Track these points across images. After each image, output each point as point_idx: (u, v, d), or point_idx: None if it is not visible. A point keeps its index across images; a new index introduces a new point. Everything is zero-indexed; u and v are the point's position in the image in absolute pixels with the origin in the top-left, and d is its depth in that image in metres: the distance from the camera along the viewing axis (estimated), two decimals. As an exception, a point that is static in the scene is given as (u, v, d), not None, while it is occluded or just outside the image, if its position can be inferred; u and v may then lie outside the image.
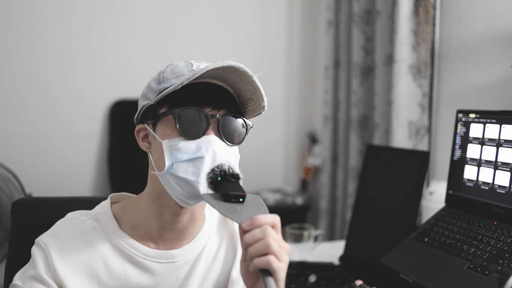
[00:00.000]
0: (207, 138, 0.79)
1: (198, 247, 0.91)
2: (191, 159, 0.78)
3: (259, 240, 0.66)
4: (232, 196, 0.72)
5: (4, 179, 1.54)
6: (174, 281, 0.88)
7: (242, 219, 0.68)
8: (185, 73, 0.81)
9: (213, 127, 0.81)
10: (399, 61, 1.90)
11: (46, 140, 2.46)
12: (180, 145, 0.79)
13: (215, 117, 0.81)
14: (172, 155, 0.79)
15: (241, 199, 0.73)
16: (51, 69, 2.44)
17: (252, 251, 0.66)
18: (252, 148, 2.95)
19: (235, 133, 0.83)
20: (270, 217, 0.69)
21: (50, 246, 0.82)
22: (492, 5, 1.63)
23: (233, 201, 0.72)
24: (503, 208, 1.14)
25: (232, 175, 0.76)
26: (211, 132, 0.80)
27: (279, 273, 0.66)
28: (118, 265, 0.85)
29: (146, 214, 0.87)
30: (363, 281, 1.21)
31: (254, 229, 0.67)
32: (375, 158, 1.49)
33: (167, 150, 0.80)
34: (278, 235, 0.69)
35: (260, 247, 0.66)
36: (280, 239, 0.68)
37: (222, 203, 0.72)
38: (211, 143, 0.79)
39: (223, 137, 0.81)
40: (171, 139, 0.80)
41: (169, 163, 0.79)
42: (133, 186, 1.03)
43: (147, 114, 0.85)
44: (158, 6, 2.65)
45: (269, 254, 0.65)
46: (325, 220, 2.52)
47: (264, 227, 0.67)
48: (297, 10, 2.98)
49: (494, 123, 1.19)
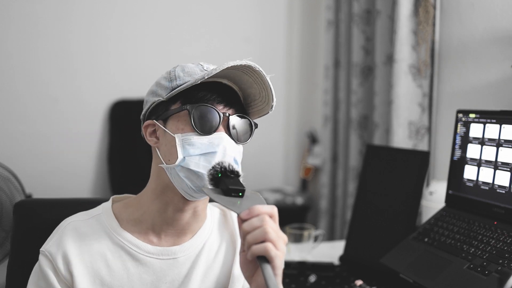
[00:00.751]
0: (218, 135, 0.83)
1: (199, 243, 0.92)
2: (203, 153, 0.81)
3: (256, 228, 0.68)
4: (232, 190, 0.74)
5: (4, 179, 1.54)
6: (176, 277, 0.88)
7: (240, 210, 0.70)
8: (197, 72, 0.85)
9: (223, 124, 0.84)
10: (399, 61, 1.90)
11: (46, 140, 2.46)
12: (194, 140, 0.82)
13: (226, 115, 0.84)
14: (185, 149, 0.82)
15: (241, 194, 0.75)
16: (51, 69, 2.44)
17: (250, 239, 0.68)
18: (252, 148, 2.94)
19: (242, 132, 0.87)
20: (268, 207, 0.71)
21: (55, 254, 0.84)
22: (492, 5, 1.63)
23: (233, 195, 0.74)
24: (503, 208, 1.14)
25: (232, 171, 0.78)
26: (222, 129, 0.84)
27: (277, 260, 0.67)
28: (119, 263, 0.86)
29: (149, 210, 0.88)
30: (363, 281, 1.21)
31: (252, 218, 0.69)
32: (375, 158, 1.49)
33: (180, 144, 0.83)
34: (276, 224, 0.70)
35: (257, 234, 0.67)
36: (278, 228, 0.70)
37: (222, 196, 0.75)
38: (222, 139, 0.83)
39: (232, 135, 0.85)
40: (184, 133, 0.83)
41: (181, 156, 0.82)
42: (133, 186, 1.03)
43: (156, 110, 0.87)
44: (158, 6, 2.65)
45: (266, 241, 0.67)
46: (325, 220, 2.52)
47: (261, 216, 0.69)
48: (297, 10, 2.98)
49: (494, 123, 1.19)
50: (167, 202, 0.86)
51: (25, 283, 0.86)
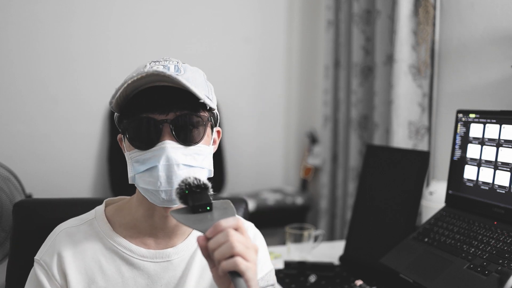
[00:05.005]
0: (160, 145, 0.79)
1: (192, 244, 0.91)
2: (147, 169, 0.79)
3: (222, 244, 0.66)
4: (198, 206, 0.72)
5: (4, 179, 1.54)
6: (171, 280, 0.88)
7: (206, 227, 0.69)
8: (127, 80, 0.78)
9: (166, 131, 0.80)
10: (399, 61, 1.90)
11: (46, 140, 2.46)
12: (138, 157, 0.81)
13: (166, 121, 0.80)
14: (133, 167, 0.81)
15: (208, 207, 0.73)
16: (51, 69, 2.44)
17: (218, 255, 0.66)
18: (252, 148, 2.96)
19: (191, 132, 0.82)
20: (232, 220, 0.68)
21: (49, 263, 0.84)
22: (492, 5, 1.63)
23: (200, 211, 0.72)
24: (503, 208, 1.14)
25: (198, 186, 0.74)
26: (165, 137, 0.80)
27: (248, 272, 0.65)
28: (113, 268, 0.85)
29: (137, 215, 0.88)
30: (363, 281, 1.21)
31: (217, 234, 0.67)
32: (375, 158, 1.49)
33: (129, 162, 0.82)
34: (243, 235, 0.68)
35: (224, 250, 0.66)
36: (245, 239, 0.68)
37: (190, 215, 0.72)
38: (164, 150, 0.79)
39: (178, 140, 0.80)
40: (130, 151, 0.82)
41: (131, 174, 0.82)
42: (133, 186, 1.03)
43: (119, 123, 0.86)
44: (157, 6, 2.65)
45: (235, 256, 0.65)
46: (325, 220, 2.52)
47: (226, 231, 0.67)
48: (297, 10, 2.98)
49: (494, 123, 1.19)
50: (151, 208, 0.86)
51: (24, 283, 0.86)
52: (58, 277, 0.83)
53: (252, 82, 2.92)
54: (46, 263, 0.84)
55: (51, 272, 0.83)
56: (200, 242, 0.68)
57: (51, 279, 0.83)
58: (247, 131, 2.92)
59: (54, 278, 0.83)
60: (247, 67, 2.90)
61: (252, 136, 2.91)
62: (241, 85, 2.88)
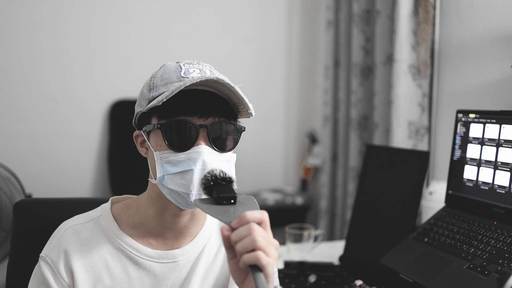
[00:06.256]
0: (196, 149, 0.80)
1: (199, 246, 0.91)
2: (180, 171, 0.79)
3: (245, 237, 0.67)
4: (223, 198, 0.73)
5: (4, 179, 1.54)
6: (176, 280, 0.88)
7: (230, 219, 0.69)
8: (173, 79, 0.81)
9: (202, 136, 0.81)
10: (399, 61, 1.90)
11: (46, 140, 2.47)
12: (170, 158, 0.80)
13: (204, 126, 0.80)
14: (163, 167, 0.80)
15: (233, 201, 0.74)
16: (51, 69, 2.44)
17: (240, 248, 0.67)
18: (252, 148, 2.96)
19: (226, 140, 0.83)
20: (257, 213, 0.69)
21: (56, 260, 0.83)
22: (492, 5, 1.63)
23: (225, 203, 0.73)
24: (503, 208, 1.14)
25: (224, 179, 0.76)
26: (201, 141, 0.80)
27: (268, 268, 0.66)
28: (120, 267, 0.85)
29: (146, 214, 0.87)
30: (363, 281, 1.21)
31: (240, 226, 0.68)
32: (375, 158, 1.49)
33: (158, 162, 0.81)
34: (266, 230, 0.69)
35: (247, 243, 0.66)
36: (267, 235, 0.69)
37: (214, 206, 0.73)
38: (201, 154, 0.79)
39: (213, 146, 0.81)
40: (162, 151, 0.81)
41: (160, 175, 0.81)
42: (133, 186, 1.03)
43: (142, 120, 0.86)
44: (157, 6, 2.65)
45: (256, 250, 0.66)
46: (325, 220, 2.52)
47: (249, 224, 0.67)
48: (297, 10, 2.98)
49: (494, 123, 1.19)
50: (163, 208, 0.86)
51: (25, 283, 0.86)
52: (65, 274, 0.82)
53: (252, 82, 2.92)
54: (52, 261, 0.83)
55: (57, 269, 0.82)
56: (223, 232, 0.69)
57: (57, 276, 0.82)
58: (247, 131, 2.90)
59: (60, 276, 0.82)
60: (247, 67, 2.91)
61: (252, 136, 2.91)
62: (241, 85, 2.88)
